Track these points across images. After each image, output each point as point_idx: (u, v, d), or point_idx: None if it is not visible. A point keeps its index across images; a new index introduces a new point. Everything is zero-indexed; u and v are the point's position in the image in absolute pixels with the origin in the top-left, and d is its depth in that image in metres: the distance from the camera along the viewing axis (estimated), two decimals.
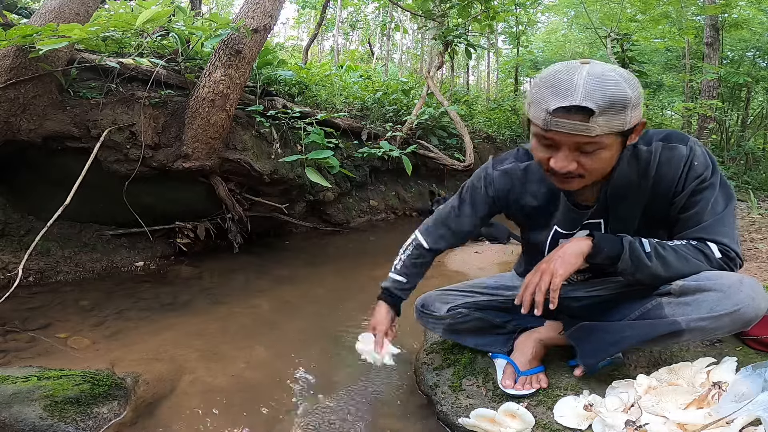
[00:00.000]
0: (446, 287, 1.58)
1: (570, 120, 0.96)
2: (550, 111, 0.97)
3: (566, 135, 0.98)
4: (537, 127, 1.03)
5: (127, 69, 3.10)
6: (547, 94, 0.98)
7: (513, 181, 1.29)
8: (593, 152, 1.00)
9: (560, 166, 1.02)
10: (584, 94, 0.94)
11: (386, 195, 5.54)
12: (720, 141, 9.76)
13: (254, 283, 2.89)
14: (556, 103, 0.96)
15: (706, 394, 1.03)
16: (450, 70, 10.94)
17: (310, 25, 15.39)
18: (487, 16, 5.86)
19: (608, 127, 0.96)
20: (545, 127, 0.99)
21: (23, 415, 1.27)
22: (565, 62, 1.03)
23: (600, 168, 1.05)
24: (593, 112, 0.93)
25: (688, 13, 8.62)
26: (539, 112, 1.00)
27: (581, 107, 0.94)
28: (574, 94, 0.94)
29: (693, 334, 1.08)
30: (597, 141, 0.98)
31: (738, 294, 1.01)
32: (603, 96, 0.94)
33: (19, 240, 2.82)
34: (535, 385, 1.28)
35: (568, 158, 1.01)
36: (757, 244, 3.03)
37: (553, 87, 0.97)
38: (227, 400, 1.53)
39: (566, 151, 1.01)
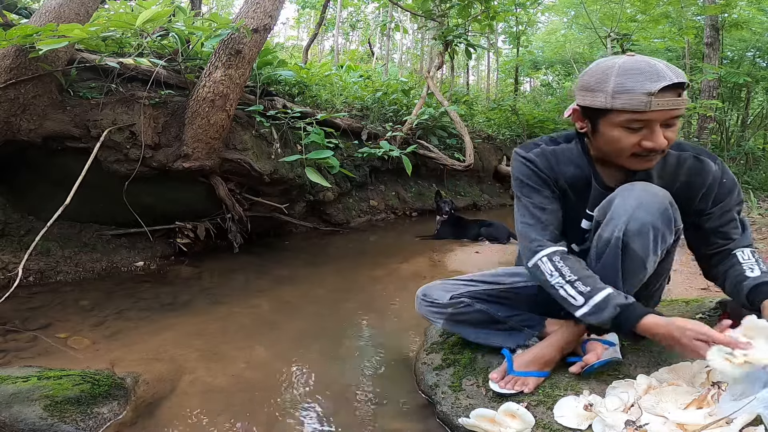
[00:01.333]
0: (449, 278, 1.57)
1: (670, 97, 1.07)
2: (654, 92, 1.06)
3: (666, 111, 1.08)
4: (631, 114, 1.09)
5: (127, 69, 3.10)
6: (642, 80, 1.07)
7: (549, 159, 1.32)
8: (674, 126, 1.12)
9: (660, 142, 1.11)
10: (673, 74, 1.07)
11: (386, 195, 5.54)
12: (720, 141, 9.76)
13: (254, 283, 2.89)
14: (657, 85, 1.05)
15: (706, 394, 1.03)
16: (450, 70, 10.94)
17: (310, 25, 15.39)
18: (487, 16, 5.86)
19: (686, 100, 1.11)
20: (647, 109, 1.07)
21: (23, 415, 1.27)
22: (618, 56, 1.15)
23: (674, 139, 1.15)
24: (685, 87, 1.08)
25: (688, 13, 8.62)
26: (638, 97, 1.07)
27: (679, 83, 1.07)
28: (668, 75, 1.06)
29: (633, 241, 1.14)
30: (682, 113, 1.12)
31: (633, 190, 1.16)
32: (681, 74, 1.09)
33: (19, 240, 2.82)
34: (517, 387, 1.26)
35: (661, 134, 1.11)
36: (757, 244, 3.03)
37: (643, 74, 1.08)
38: (227, 400, 1.53)
39: (658, 129, 1.10)
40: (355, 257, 3.74)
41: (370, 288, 2.84)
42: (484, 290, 1.47)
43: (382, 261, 3.43)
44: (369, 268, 3.24)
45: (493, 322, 1.44)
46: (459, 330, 1.51)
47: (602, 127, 1.16)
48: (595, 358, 1.26)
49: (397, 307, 2.45)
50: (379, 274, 3.10)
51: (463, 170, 5.67)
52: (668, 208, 1.15)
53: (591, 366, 1.26)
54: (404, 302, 2.45)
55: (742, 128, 10.28)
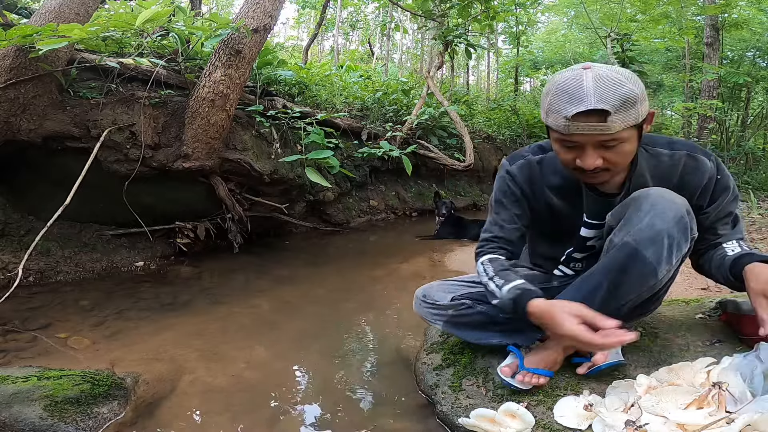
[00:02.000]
0: (449, 279, 1.56)
1: (589, 122, 1.04)
2: (569, 117, 1.04)
3: (588, 136, 1.06)
4: (558, 133, 1.10)
5: (127, 69, 3.11)
6: (563, 102, 1.05)
7: (532, 173, 1.32)
8: (615, 147, 1.08)
9: (588, 164, 1.09)
10: (597, 98, 1.02)
11: (386, 195, 5.54)
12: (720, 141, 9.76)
13: (254, 283, 2.89)
14: (573, 109, 1.03)
15: (706, 394, 1.03)
16: (450, 70, 10.94)
17: (310, 25, 15.39)
18: (487, 16, 5.86)
19: (624, 123, 1.04)
20: (567, 132, 1.07)
21: (23, 415, 1.27)
22: (568, 69, 1.10)
23: (623, 161, 1.12)
24: (609, 113, 1.02)
25: (688, 13, 8.62)
26: (558, 120, 1.07)
27: (597, 110, 1.02)
28: (588, 98, 1.02)
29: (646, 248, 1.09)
30: (617, 137, 1.06)
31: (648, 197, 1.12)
32: (614, 96, 1.02)
33: (19, 240, 2.82)
34: (533, 382, 1.25)
35: (593, 156, 1.08)
36: (757, 244, 3.03)
37: (566, 94, 1.05)
38: (227, 400, 1.52)
39: (590, 149, 1.08)
40: (355, 257, 3.74)
41: (370, 288, 2.84)
42: (483, 291, 1.46)
43: (382, 261, 3.43)
44: (369, 268, 3.24)
45: (495, 323, 1.43)
46: (460, 332, 1.48)
47: (551, 138, 1.17)
48: (603, 359, 1.26)
49: (397, 307, 2.45)
50: (379, 274, 3.10)
51: (463, 170, 5.67)
52: (684, 216, 1.10)
53: (598, 367, 1.26)
54: (404, 302, 2.45)
55: (742, 128, 10.28)
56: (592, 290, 1.16)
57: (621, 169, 1.16)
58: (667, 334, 1.44)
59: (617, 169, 1.14)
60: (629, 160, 1.15)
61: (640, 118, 1.07)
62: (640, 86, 1.06)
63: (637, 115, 1.05)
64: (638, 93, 1.04)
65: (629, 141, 1.08)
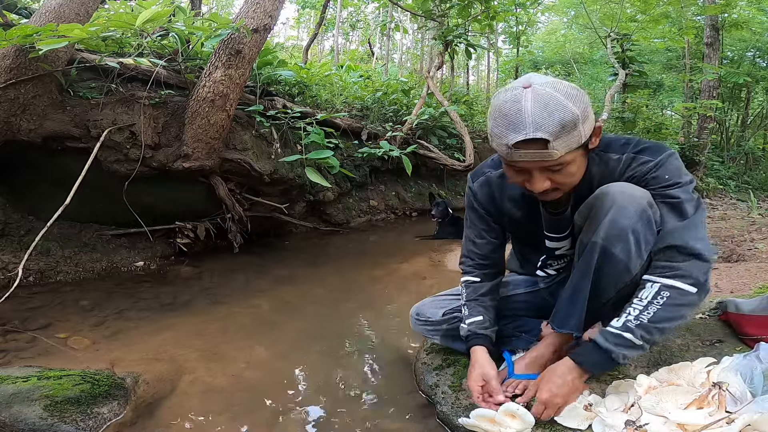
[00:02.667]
0: (439, 294, 1.61)
1: (529, 150, 1.03)
2: (510, 146, 1.03)
3: (531, 162, 1.06)
4: (503, 158, 1.11)
5: (127, 69, 3.10)
6: (503, 129, 1.04)
7: (492, 188, 1.36)
8: (560, 170, 1.08)
9: (537, 188, 1.10)
10: (534, 126, 1.00)
11: (386, 195, 5.54)
12: (720, 141, 9.76)
13: (254, 283, 2.89)
14: (512, 137, 1.02)
15: (706, 394, 1.03)
16: (450, 70, 10.93)
17: (310, 25, 15.39)
18: (487, 16, 5.86)
19: (567, 147, 1.03)
20: (509, 159, 1.08)
21: (23, 415, 1.27)
22: (510, 87, 1.07)
23: (571, 181, 1.13)
24: (548, 141, 1.00)
25: (688, 13, 8.62)
26: (501, 147, 1.07)
27: (536, 138, 1.00)
28: (526, 127, 1.00)
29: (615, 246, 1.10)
30: (561, 161, 1.05)
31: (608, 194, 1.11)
32: (552, 123, 1.00)
33: (19, 240, 2.82)
34: (518, 390, 1.27)
35: (540, 179, 1.09)
36: (757, 244, 3.03)
37: (505, 119, 1.03)
38: (227, 400, 1.53)
39: (537, 173, 1.08)
40: (355, 257, 3.74)
41: (370, 288, 2.84)
42: None
43: (382, 261, 3.43)
44: (369, 268, 3.24)
45: None
46: (457, 345, 1.50)
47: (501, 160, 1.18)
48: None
49: (397, 307, 2.45)
50: (379, 274, 3.10)
51: (463, 170, 5.66)
52: (647, 209, 1.09)
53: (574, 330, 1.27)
54: (404, 302, 2.45)
55: (742, 128, 10.29)
56: (575, 296, 1.19)
57: (570, 186, 1.16)
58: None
59: (567, 188, 1.15)
60: (578, 178, 1.14)
61: (583, 139, 1.05)
62: (582, 103, 1.03)
63: (579, 137, 1.04)
64: (579, 114, 1.01)
65: (574, 162, 1.08)
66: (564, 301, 1.23)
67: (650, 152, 1.15)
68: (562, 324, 1.23)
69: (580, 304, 1.19)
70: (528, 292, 1.51)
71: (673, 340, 1.40)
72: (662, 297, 1.08)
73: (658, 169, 1.12)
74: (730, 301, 1.44)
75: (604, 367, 1.15)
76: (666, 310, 1.08)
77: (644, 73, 8.13)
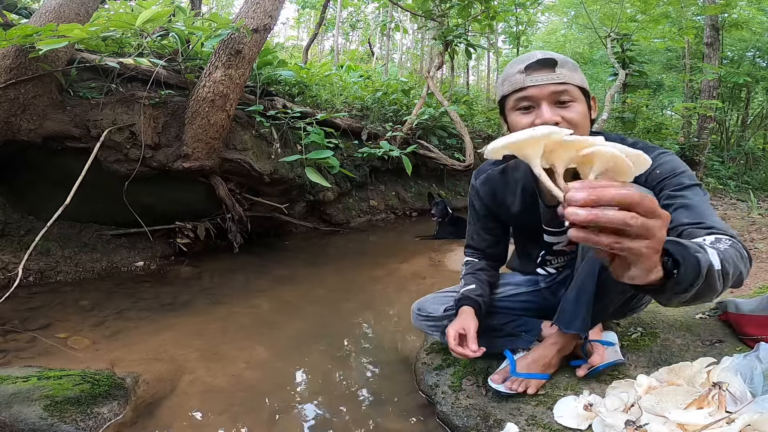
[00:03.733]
0: (442, 290, 1.61)
1: (540, 72, 1.11)
2: (523, 70, 1.12)
3: (541, 87, 1.11)
4: (514, 94, 1.14)
5: (127, 69, 3.10)
6: (516, 65, 1.15)
7: (494, 185, 1.40)
8: (569, 104, 1.11)
9: (547, 117, 1.10)
10: (544, 54, 1.14)
11: (386, 195, 5.54)
12: (720, 141, 9.76)
13: (254, 283, 2.89)
14: (525, 64, 1.13)
15: (706, 394, 1.03)
16: (450, 70, 10.93)
17: (310, 25, 15.39)
18: (487, 16, 5.86)
19: (571, 78, 1.11)
20: (523, 85, 1.12)
21: (23, 415, 1.27)
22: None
23: (579, 121, 1.11)
24: (556, 62, 1.11)
25: (688, 13, 8.62)
26: (513, 78, 1.14)
27: (546, 59, 1.12)
28: (537, 55, 1.14)
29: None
30: (567, 89, 1.11)
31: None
32: (557, 55, 1.14)
33: (19, 240, 2.82)
34: (520, 388, 1.27)
35: (550, 111, 1.10)
36: (757, 244, 3.02)
37: (519, 60, 1.16)
38: (227, 400, 1.53)
39: (545, 105, 1.11)
40: (355, 257, 3.74)
41: (370, 288, 2.84)
42: None
43: (382, 261, 3.43)
44: (369, 268, 3.24)
45: (490, 329, 1.46)
46: None
47: (507, 117, 1.19)
48: (600, 360, 1.27)
49: (397, 307, 2.45)
50: (379, 274, 3.10)
51: (463, 170, 5.66)
52: None
53: (596, 368, 1.26)
54: (404, 302, 2.45)
55: (742, 128, 10.29)
56: (580, 296, 1.20)
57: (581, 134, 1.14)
58: (667, 334, 1.44)
59: (576, 133, 1.10)
60: (585, 127, 1.13)
61: (585, 85, 1.14)
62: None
63: (581, 78, 1.14)
64: (579, 69, 1.16)
65: (580, 102, 1.12)
66: (569, 302, 1.23)
67: (648, 151, 1.12)
68: (568, 325, 1.23)
69: (585, 304, 1.18)
70: (529, 291, 1.52)
71: (673, 340, 1.40)
72: (725, 243, 0.86)
73: (660, 165, 1.09)
74: (730, 301, 1.44)
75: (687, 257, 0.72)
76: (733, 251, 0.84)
77: (644, 73, 8.13)
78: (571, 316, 1.22)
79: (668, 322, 1.51)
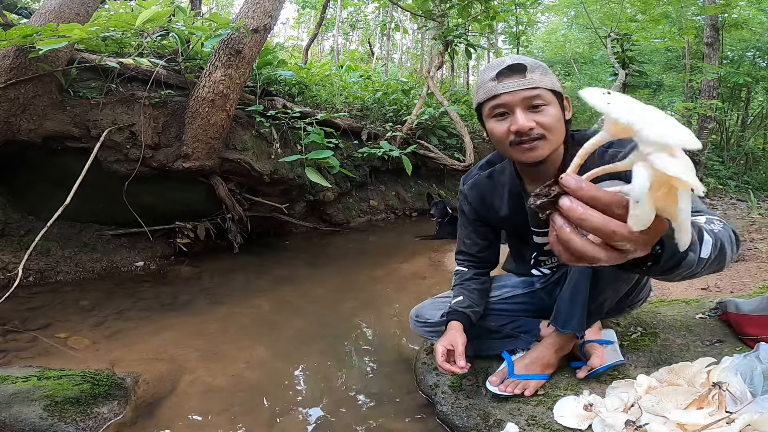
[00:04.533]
0: (438, 295, 1.63)
1: (511, 79, 1.12)
2: (494, 77, 1.13)
3: (513, 93, 1.12)
4: (488, 102, 1.15)
5: (127, 69, 3.10)
6: (488, 72, 1.17)
7: (482, 189, 1.41)
8: (542, 108, 1.12)
9: (521, 123, 1.11)
10: (513, 59, 1.15)
11: (386, 195, 5.54)
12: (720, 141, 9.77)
13: (254, 283, 2.89)
14: (495, 71, 1.14)
15: (706, 394, 1.03)
16: (450, 70, 10.93)
17: (310, 25, 15.39)
18: (487, 16, 5.86)
19: (542, 82, 1.12)
20: (495, 93, 1.13)
21: (23, 415, 1.27)
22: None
23: (553, 124, 1.13)
24: (525, 67, 1.12)
25: (688, 13, 8.62)
26: (486, 86, 1.15)
27: (515, 65, 1.12)
28: (507, 61, 1.15)
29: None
30: (540, 95, 1.11)
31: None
32: (527, 60, 1.15)
33: (19, 240, 2.82)
34: (517, 390, 1.27)
35: (524, 117, 1.11)
36: (757, 244, 3.03)
37: (491, 66, 1.18)
38: (227, 400, 1.53)
39: (519, 111, 1.12)
40: (355, 257, 3.74)
41: (370, 288, 2.84)
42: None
43: (382, 261, 3.43)
44: (369, 268, 3.24)
45: (488, 332, 1.46)
46: None
47: (485, 124, 1.21)
48: (599, 362, 1.27)
49: (397, 307, 2.45)
50: (379, 274, 3.10)
51: (463, 170, 5.66)
52: None
53: (596, 370, 1.26)
54: (404, 302, 2.45)
55: (742, 128, 10.29)
56: (576, 296, 1.21)
57: (555, 141, 1.14)
58: (667, 334, 1.44)
59: (552, 139, 1.13)
60: (560, 130, 1.14)
61: (556, 87, 1.14)
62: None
63: (552, 81, 1.14)
64: (550, 70, 1.16)
65: (553, 105, 1.13)
66: (565, 302, 1.23)
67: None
68: (564, 324, 1.24)
69: (580, 303, 1.19)
70: (525, 293, 1.52)
71: (673, 340, 1.40)
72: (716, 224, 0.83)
73: None
74: (730, 301, 1.44)
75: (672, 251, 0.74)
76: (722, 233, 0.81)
77: (644, 73, 8.13)
78: (566, 316, 1.23)
79: (668, 322, 1.51)
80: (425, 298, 1.68)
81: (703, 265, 0.74)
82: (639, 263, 0.66)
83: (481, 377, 1.39)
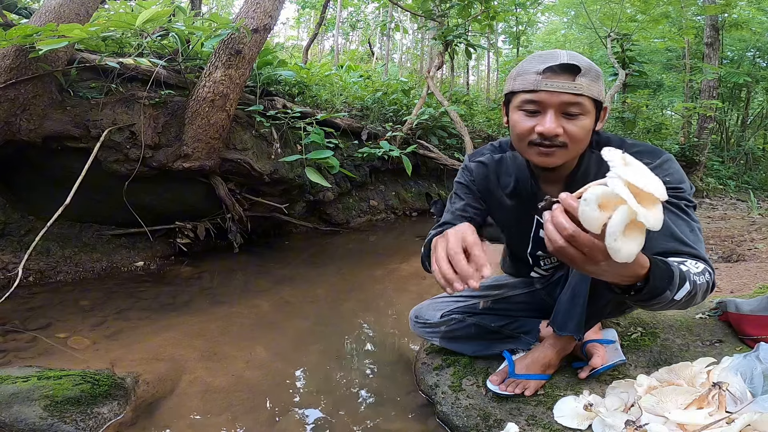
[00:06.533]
0: (437, 296, 1.63)
1: (558, 79, 1.03)
2: (540, 72, 1.04)
3: (554, 94, 1.04)
4: (524, 94, 1.08)
5: (127, 69, 3.10)
6: (535, 62, 1.07)
7: (488, 171, 1.34)
8: (576, 117, 1.05)
9: (548, 128, 1.04)
10: (569, 57, 1.05)
11: (386, 195, 5.54)
12: (720, 141, 9.77)
13: (254, 283, 2.89)
14: (545, 64, 1.04)
15: (706, 394, 1.03)
16: (450, 70, 10.93)
17: (310, 25, 15.39)
18: (487, 16, 5.86)
19: (589, 90, 1.04)
20: (535, 88, 1.05)
21: (23, 415, 1.27)
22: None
23: (580, 137, 1.07)
24: (579, 70, 1.03)
25: (688, 13, 8.62)
26: (528, 77, 1.07)
27: (569, 65, 1.03)
28: (561, 58, 1.05)
29: None
30: (581, 102, 1.04)
31: None
32: (584, 61, 1.06)
33: (19, 240, 2.82)
34: (518, 390, 1.27)
35: (554, 121, 1.05)
36: (757, 244, 3.03)
37: (540, 57, 1.08)
38: (227, 400, 1.53)
39: (552, 114, 1.05)
40: (355, 257, 3.74)
41: (370, 288, 2.84)
42: (473, 304, 1.49)
43: (382, 261, 3.43)
44: (369, 268, 3.24)
45: (489, 332, 1.46)
46: (456, 346, 1.52)
47: (510, 113, 1.14)
48: (601, 362, 1.27)
49: (397, 307, 2.45)
50: (379, 274, 3.10)
51: None
52: None
53: (598, 370, 1.27)
54: (404, 302, 2.45)
55: (742, 128, 10.29)
56: (574, 298, 1.19)
57: (575, 152, 1.10)
58: (667, 334, 1.44)
59: (572, 148, 1.08)
60: (585, 141, 1.10)
61: (601, 96, 1.07)
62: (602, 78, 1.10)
63: (600, 90, 1.07)
64: (601, 73, 1.08)
65: (589, 116, 1.06)
66: (563, 304, 1.23)
67: (649, 155, 1.10)
68: (562, 327, 1.23)
69: (579, 306, 1.19)
70: (526, 293, 1.52)
71: (673, 340, 1.41)
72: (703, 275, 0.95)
73: (669, 174, 1.07)
74: (730, 301, 1.44)
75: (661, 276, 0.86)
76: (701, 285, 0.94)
77: (644, 73, 8.14)
78: (565, 318, 1.22)
79: (668, 322, 1.51)
80: (425, 298, 1.68)
81: (673, 304, 0.92)
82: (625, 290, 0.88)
83: (481, 377, 1.39)
